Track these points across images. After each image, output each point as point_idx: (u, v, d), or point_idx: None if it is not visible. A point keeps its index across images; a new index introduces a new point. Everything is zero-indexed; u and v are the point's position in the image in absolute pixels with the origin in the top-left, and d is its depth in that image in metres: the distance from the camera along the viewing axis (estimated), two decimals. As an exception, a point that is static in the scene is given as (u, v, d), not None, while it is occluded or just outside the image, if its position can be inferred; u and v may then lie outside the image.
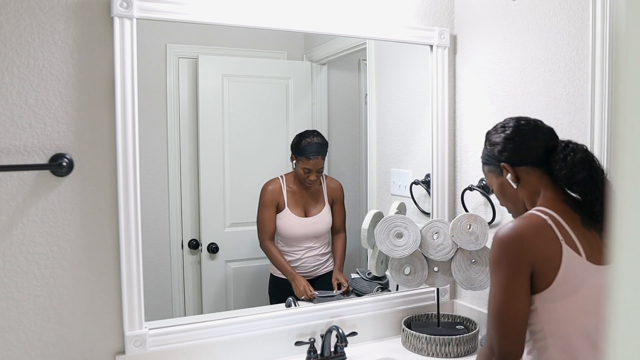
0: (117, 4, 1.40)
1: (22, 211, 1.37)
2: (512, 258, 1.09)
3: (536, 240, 1.10)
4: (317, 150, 2.00)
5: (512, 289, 1.09)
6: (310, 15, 1.68)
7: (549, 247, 1.09)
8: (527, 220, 1.13)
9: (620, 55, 0.28)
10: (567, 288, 1.09)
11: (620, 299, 0.29)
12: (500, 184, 1.25)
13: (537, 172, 1.20)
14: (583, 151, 1.16)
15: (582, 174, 1.12)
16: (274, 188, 2.02)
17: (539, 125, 1.23)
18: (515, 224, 1.12)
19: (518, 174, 1.21)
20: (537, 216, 1.13)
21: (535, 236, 1.10)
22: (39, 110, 1.38)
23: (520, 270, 1.09)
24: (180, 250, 1.97)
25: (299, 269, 2.01)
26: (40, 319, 1.41)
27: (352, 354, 1.68)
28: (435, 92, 1.90)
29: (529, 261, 1.09)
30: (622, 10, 0.28)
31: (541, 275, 1.09)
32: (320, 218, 2.05)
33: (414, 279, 1.77)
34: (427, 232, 1.76)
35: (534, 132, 1.21)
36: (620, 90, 0.28)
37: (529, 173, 1.20)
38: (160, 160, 1.92)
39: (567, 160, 1.14)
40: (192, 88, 1.96)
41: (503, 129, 1.24)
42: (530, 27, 1.66)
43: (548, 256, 1.09)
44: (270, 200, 2.00)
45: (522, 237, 1.10)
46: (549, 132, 1.23)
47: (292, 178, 2.04)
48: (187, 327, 1.54)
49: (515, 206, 1.26)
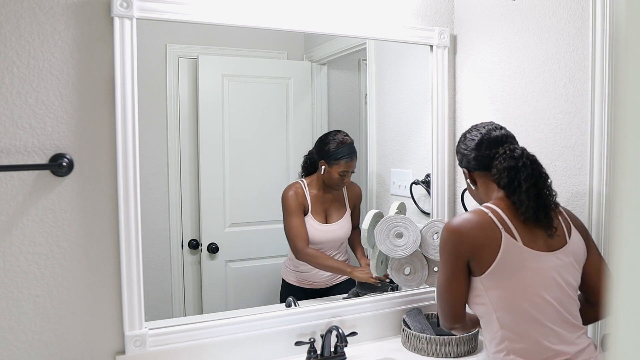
0: (117, 4, 1.40)
1: (22, 211, 1.37)
2: (451, 247, 1.30)
3: (474, 231, 1.28)
4: (352, 151, 1.96)
5: (452, 272, 1.30)
6: (310, 15, 1.68)
7: (488, 236, 1.27)
8: (470, 214, 1.32)
9: (620, 55, 0.28)
10: (507, 269, 1.26)
11: (620, 300, 0.29)
12: (467, 183, 1.49)
13: (488, 175, 1.39)
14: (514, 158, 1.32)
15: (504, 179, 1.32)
16: (298, 192, 1.95)
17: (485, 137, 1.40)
18: (460, 217, 1.32)
19: (474, 177, 1.44)
20: (481, 211, 1.32)
21: (475, 228, 1.28)
22: (39, 110, 1.38)
23: (458, 257, 1.29)
24: (180, 250, 1.97)
25: (314, 278, 1.98)
26: (40, 319, 1.41)
27: (352, 354, 1.68)
28: (435, 92, 1.90)
29: (467, 250, 1.28)
30: (622, 10, 0.28)
31: (479, 260, 1.27)
32: (340, 225, 2.00)
33: (414, 279, 1.77)
34: (427, 232, 1.76)
35: (478, 144, 1.40)
36: (620, 90, 0.28)
37: (481, 177, 1.41)
38: (160, 160, 1.92)
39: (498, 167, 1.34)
40: (192, 88, 1.96)
41: (462, 139, 1.46)
42: (530, 27, 1.66)
43: (486, 243, 1.27)
44: (297, 205, 1.93)
45: (461, 229, 1.29)
46: (495, 140, 1.39)
47: (313, 183, 1.98)
48: (187, 327, 1.54)
49: (479, 202, 1.46)
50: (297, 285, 2.00)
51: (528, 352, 1.26)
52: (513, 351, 1.27)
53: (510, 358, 1.27)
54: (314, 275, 1.98)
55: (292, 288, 2.00)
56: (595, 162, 1.46)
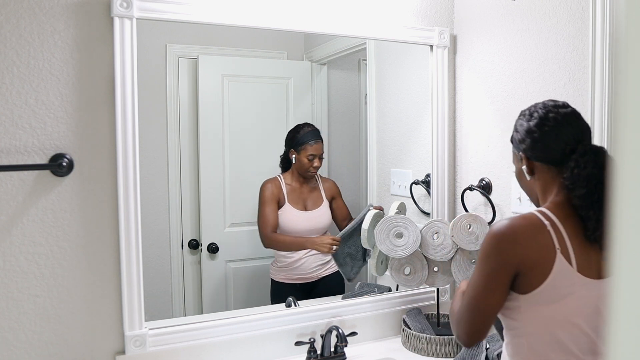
0: (117, 4, 1.40)
1: (22, 211, 1.37)
2: (499, 256, 1.09)
3: (529, 242, 1.09)
4: (316, 134, 2.03)
5: (491, 286, 1.11)
6: (310, 15, 1.68)
7: (542, 253, 1.08)
8: (525, 220, 1.11)
9: (620, 56, 0.28)
10: (552, 295, 1.09)
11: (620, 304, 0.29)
12: (519, 169, 1.23)
13: (552, 171, 1.15)
14: (595, 166, 1.09)
15: (581, 190, 1.09)
16: (274, 185, 2.03)
17: (568, 121, 1.14)
18: (511, 222, 1.11)
19: (533, 167, 1.18)
20: (538, 219, 1.11)
21: (529, 239, 1.09)
22: (39, 110, 1.38)
23: (504, 269, 1.09)
24: (180, 250, 1.97)
25: (298, 270, 2.00)
26: (40, 319, 1.41)
27: (352, 354, 1.68)
28: (435, 92, 1.90)
29: (516, 262, 1.09)
30: (622, 10, 0.28)
31: (527, 278, 1.09)
32: (320, 212, 2.06)
33: (414, 279, 1.77)
34: (427, 232, 1.76)
35: (556, 131, 1.13)
36: (620, 90, 0.28)
37: (543, 170, 1.17)
38: (160, 160, 1.92)
39: (574, 172, 1.10)
40: (192, 88, 1.96)
41: (529, 118, 1.17)
42: (530, 27, 1.66)
43: (538, 261, 1.08)
44: (271, 196, 2.01)
45: (514, 237, 1.09)
46: (574, 132, 1.14)
47: (290, 176, 2.05)
48: (187, 327, 1.54)
49: (529, 194, 1.25)
50: (286, 282, 2.02)
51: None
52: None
53: None
54: (299, 268, 2.01)
55: (281, 286, 2.02)
56: (595, 162, 1.46)
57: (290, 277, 2.01)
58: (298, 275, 2.01)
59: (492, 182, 1.82)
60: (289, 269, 2.01)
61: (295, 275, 2.01)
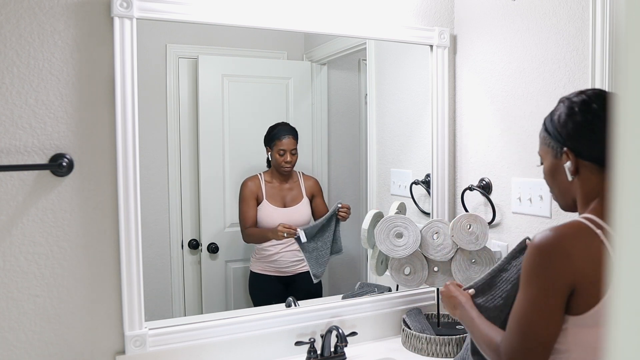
0: (117, 4, 1.40)
1: (22, 211, 1.37)
2: (551, 271, 0.94)
3: (581, 254, 0.93)
4: (288, 131, 2.05)
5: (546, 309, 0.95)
6: (310, 15, 1.68)
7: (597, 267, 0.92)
8: (574, 229, 0.96)
9: (620, 55, 0.28)
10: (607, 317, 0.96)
11: (620, 300, 0.29)
12: (555, 166, 1.06)
13: (602, 173, 1.00)
14: None
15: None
16: (253, 182, 2.05)
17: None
18: (558, 231, 0.95)
19: (579, 166, 1.01)
20: (588, 227, 0.96)
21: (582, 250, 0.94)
22: (39, 110, 1.38)
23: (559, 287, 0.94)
24: (180, 250, 1.97)
25: (276, 264, 2.02)
26: (40, 319, 1.41)
27: (352, 354, 1.68)
28: (435, 92, 1.90)
29: (571, 278, 0.93)
30: (622, 10, 0.28)
31: (581, 296, 0.94)
32: (298, 209, 2.07)
33: (414, 279, 1.77)
34: (427, 232, 1.76)
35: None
36: (620, 90, 0.28)
37: (592, 171, 1.01)
38: (160, 160, 1.92)
39: None
40: (192, 88, 1.96)
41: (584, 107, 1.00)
42: (530, 27, 1.66)
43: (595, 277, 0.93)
44: (250, 193, 2.03)
45: (567, 249, 0.94)
46: None
47: (269, 174, 2.08)
48: (187, 327, 1.54)
49: (561, 195, 1.08)
50: (263, 274, 2.03)
51: None
52: None
53: None
54: (276, 261, 2.02)
55: (259, 277, 2.03)
56: (595, 162, 1.46)
57: (267, 270, 2.03)
58: (275, 268, 2.03)
59: (492, 182, 1.82)
60: (266, 261, 2.03)
61: (272, 268, 2.03)
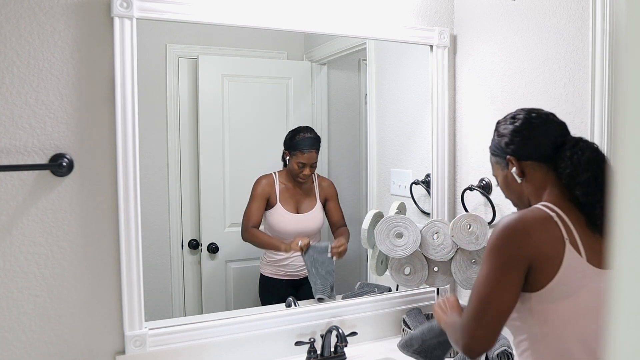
0: (117, 4, 1.40)
1: (22, 211, 1.37)
2: (512, 249, 1.06)
3: (540, 235, 1.06)
4: (311, 144, 2.01)
5: (504, 281, 1.05)
6: (310, 15, 1.68)
7: (552, 245, 1.06)
8: (532, 213, 1.10)
9: (620, 55, 0.28)
10: (565, 289, 1.06)
11: (620, 301, 0.29)
12: (505, 176, 1.22)
13: (543, 168, 1.16)
14: (592, 151, 1.11)
15: (585, 174, 1.09)
16: (267, 182, 2.02)
17: (551, 119, 1.18)
18: (521, 215, 1.09)
19: (523, 168, 1.18)
20: (544, 211, 1.09)
21: (540, 231, 1.07)
22: (39, 110, 1.38)
23: (517, 263, 1.05)
24: (180, 250, 1.97)
25: (287, 268, 2.00)
26: (40, 319, 1.41)
27: (352, 354, 1.68)
28: (435, 92, 1.90)
29: (529, 255, 1.05)
30: (622, 10, 0.28)
31: (539, 272, 1.06)
32: (311, 215, 2.04)
33: (414, 279, 1.77)
34: (427, 232, 1.76)
35: (544, 127, 1.16)
36: (620, 90, 0.28)
37: (535, 168, 1.17)
38: (160, 160, 1.92)
39: (574, 158, 1.10)
40: (192, 88, 1.96)
41: (512, 120, 1.19)
42: (530, 27, 1.66)
43: (550, 254, 1.06)
44: (261, 193, 2.00)
45: (526, 229, 1.06)
46: (560, 127, 1.18)
47: (285, 174, 2.04)
48: (187, 327, 1.54)
49: (519, 200, 1.22)
50: (274, 277, 2.02)
51: None
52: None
53: None
54: (287, 265, 2.00)
55: (270, 280, 2.02)
56: (595, 162, 1.46)
57: (278, 273, 2.02)
58: (286, 272, 2.01)
59: (492, 182, 1.82)
60: (277, 265, 2.01)
61: (282, 271, 2.02)
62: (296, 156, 1.99)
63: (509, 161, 1.19)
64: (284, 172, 2.05)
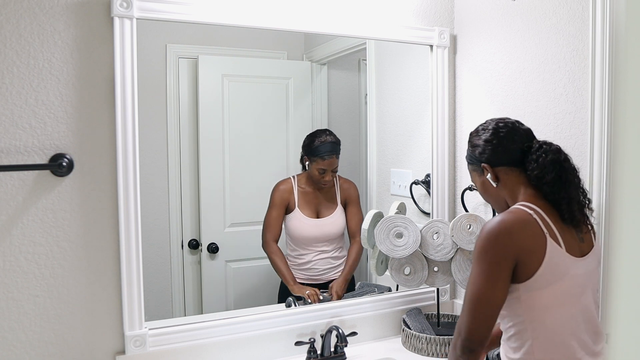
0: (117, 4, 1.40)
1: (22, 211, 1.37)
2: (499, 250, 1.16)
3: (522, 233, 1.17)
4: (331, 149, 1.96)
5: (494, 278, 1.16)
6: (310, 15, 1.68)
7: (534, 240, 1.17)
8: (514, 214, 1.20)
9: (620, 55, 0.28)
10: (549, 278, 1.17)
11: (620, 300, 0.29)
12: (483, 182, 1.34)
13: (515, 171, 1.28)
14: (555, 152, 1.24)
15: (551, 174, 1.21)
16: (285, 188, 1.98)
17: (517, 127, 1.30)
18: (503, 217, 1.19)
19: (497, 173, 1.30)
20: (523, 211, 1.20)
21: (522, 230, 1.17)
22: (39, 110, 1.38)
23: (505, 262, 1.16)
24: (180, 250, 1.97)
25: (309, 272, 1.98)
26: (40, 319, 1.41)
27: (352, 354, 1.68)
28: (435, 92, 1.90)
29: (514, 253, 1.16)
30: (622, 10, 0.28)
31: (525, 265, 1.17)
32: (331, 220, 2.00)
33: (414, 279, 1.77)
34: (427, 232, 1.76)
35: (510, 135, 1.28)
36: (620, 90, 0.28)
37: (507, 173, 1.29)
38: (160, 160, 1.91)
39: (539, 161, 1.22)
40: (192, 88, 1.96)
41: (483, 132, 1.32)
42: (530, 27, 1.66)
43: (533, 248, 1.17)
44: (280, 200, 1.96)
45: (509, 230, 1.17)
46: (526, 133, 1.30)
47: (304, 178, 2.00)
48: (187, 327, 1.54)
49: (496, 202, 1.34)
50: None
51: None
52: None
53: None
54: (309, 269, 1.99)
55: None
56: (595, 162, 1.46)
57: (300, 277, 2.00)
58: (307, 276, 1.99)
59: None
60: (299, 269, 2.00)
61: (304, 275, 2.00)
62: (316, 162, 1.95)
63: (483, 168, 1.32)
64: (303, 176, 2.01)
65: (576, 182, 1.24)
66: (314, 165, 1.96)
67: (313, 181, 1.99)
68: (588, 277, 1.22)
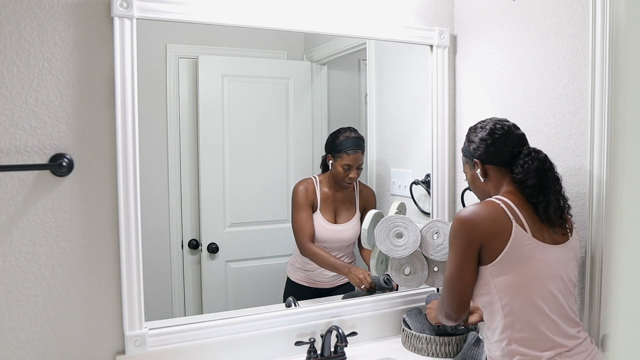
0: (117, 4, 1.40)
1: (22, 211, 1.37)
2: (464, 236, 1.31)
3: (487, 220, 1.31)
4: (356, 144, 1.94)
5: (462, 261, 1.32)
6: (310, 15, 1.68)
7: (499, 225, 1.30)
8: (483, 204, 1.35)
9: (620, 55, 0.28)
10: (515, 259, 1.29)
11: (620, 300, 0.29)
12: (472, 175, 1.48)
13: (502, 171, 1.41)
14: (540, 160, 1.36)
15: (532, 180, 1.34)
16: (308, 188, 1.95)
17: (512, 131, 1.41)
18: (472, 207, 1.34)
19: (487, 170, 1.43)
20: (493, 202, 1.34)
21: (487, 217, 1.31)
22: (39, 110, 1.38)
23: (470, 246, 1.31)
24: (180, 250, 1.97)
25: (317, 277, 1.98)
26: (40, 319, 1.41)
27: (352, 354, 1.68)
28: (435, 92, 1.90)
29: (478, 238, 1.30)
30: (622, 10, 0.28)
31: (490, 249, 1.30)
32: (349, 226, 1.99)
33: (414, 279, 1.77)
34: (427, 232, 1.76)
35: (504, 138, 1.40)
36: (620, 90, 0.28)
37: (495, 171, 1.42)
38: (160, 160, 1.91)
39: (525, 167, 1.35)
40: (192, 88, 1.96)
41: (480, 130, 1.44)
42: (530, 27, 1.66)
43: (497, 232, 1.30)
44: (305, 200, 1.93)
45: (474, 218, 1.32)
46: (519, 138, 1.42)
47: (325, 180, 1.98)
48: (187, 327, 1.54)
49: (482, 195, 1.47)
50: (302, 284, 1.99)
51: (530, 341, 1.28)
52: (515, 340, 1.30)
53: (512, 347, 1.30)
54: (319, 274, 1.98)
55: (297, 287, 1.99)
56: (595, 162, 1.46)
57: (307, 281, 1.99)
58: (314, 280, 1.99)
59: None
60: (306, 272, 1.99)
61: (311, 280, 1.99)
62: (341, 158, 1.93)
63: (475, 163, 1.45)
64: (325, 177, 1.99)
65: (557, 189, 1.36)
66: (338, 162, 1.94)
67: (335, 181, 1.97)
68: (560, 265, 1.32)
